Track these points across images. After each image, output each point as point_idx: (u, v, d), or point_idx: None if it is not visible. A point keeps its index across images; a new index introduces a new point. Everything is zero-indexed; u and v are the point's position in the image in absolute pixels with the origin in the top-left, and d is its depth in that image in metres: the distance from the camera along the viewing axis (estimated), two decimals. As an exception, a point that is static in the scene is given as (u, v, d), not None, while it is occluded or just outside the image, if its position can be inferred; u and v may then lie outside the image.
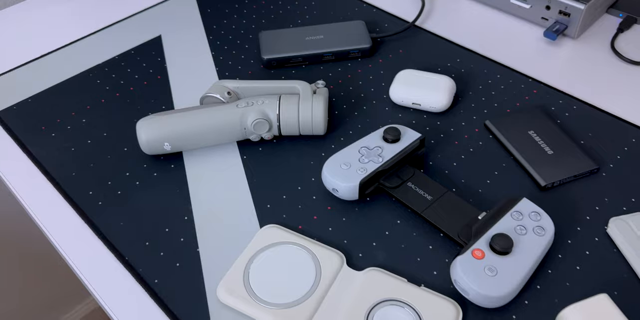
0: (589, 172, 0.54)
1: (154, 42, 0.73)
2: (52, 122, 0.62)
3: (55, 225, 0.53)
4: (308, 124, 0.57)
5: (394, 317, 0.43)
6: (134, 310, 0.46)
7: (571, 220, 0.50)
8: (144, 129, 0.55)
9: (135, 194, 0.55)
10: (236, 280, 0.46)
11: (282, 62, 0.68)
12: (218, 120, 0.56)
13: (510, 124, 0.58)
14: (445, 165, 0.56)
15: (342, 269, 0.47)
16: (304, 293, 0.45)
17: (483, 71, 0.66)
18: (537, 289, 0.46)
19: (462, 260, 0.44)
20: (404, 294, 0.45)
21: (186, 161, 0.58)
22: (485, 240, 0.45)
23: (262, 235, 0.50)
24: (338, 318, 0.44)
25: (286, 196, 0.54)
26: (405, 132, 0.55)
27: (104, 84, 0.67)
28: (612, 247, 0.48)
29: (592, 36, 0.71)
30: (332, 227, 0.51)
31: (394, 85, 0.62)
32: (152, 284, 0.47)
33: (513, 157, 0.56)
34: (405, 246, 0.49)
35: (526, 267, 0.43)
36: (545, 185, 0.52)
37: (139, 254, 0.50)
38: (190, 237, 0.51)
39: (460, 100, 0.63)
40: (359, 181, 0.51)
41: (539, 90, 0.63)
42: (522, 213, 0.47)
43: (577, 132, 0.58)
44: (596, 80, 0.65)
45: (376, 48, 0.70)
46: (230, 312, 0.45)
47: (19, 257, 1.16)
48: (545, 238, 0.45)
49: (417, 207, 0.50)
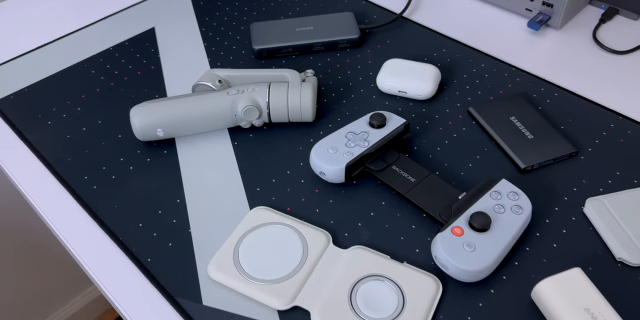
0: (567, 155, 0.56)
1: (147, 34, 0.75)
2: (48, 111, 0.64)
3: (52, 208, 0.55)
4: (297, 111, 0.59)
5: (377, 291, 0.45)
6: (128, 287, 0.48)
7: (549, 201, 0.52)
8: (138, 116, 0.57)
9: (129, 178, 0.56)
10: (226, 258, 0.48)
11: (273, 52, 0.70)
12: (209, 107, 0.58)
13: (492, 110, 0.60)
14: (429, 149, 0.58)
15: (328, 247, 0.49)
16: (291, 270, 0.47)
17: (468, 60, 0.68)
18: (515, 265, 0.47)
19: (442, 237, 0.46)
20: (387, 269, 0.47)
21: (179, 147, 0.59)
22: (465, 218, 0.47)
23: (251, 216, 0.51)
24: (324, 293, 0.45)
25: (275, 180, 0.56)
26: (390, 118, 0.57)
27: (98, 74, 0.69)
28: (588, 225, 0.50)
29: (574, 27, 0.73)
30: (320, 209, 0.53)
31: (381, 74, 0.64)
32: (145, 262, 0.49)
33: (494, 141, 0.58)
34: (389, 226, 0.51)
35: (503, 243, 0.45)
36: (525, 168, 0.54)
37: (132, 235, 0.51)
38: (182, 219, 0.53)
39: (445, 89, 0.65)
40: (345, 164, 0.52)
41: (522, 79, 0.65)
42: (500, 193, 0.49)
43: (558, 118, 0.60)
44: (578, 68, 0.67)
45: (365, 39, 0.72)
46: (221, 288, 0.47)
47: (17, 244, 1.17)
48: (523, 216, 0.47)
49: (400, 189, 0.52)
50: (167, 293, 0.47)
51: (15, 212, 1.12)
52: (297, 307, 0.45)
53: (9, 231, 1.14)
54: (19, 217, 1.14)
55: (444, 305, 0.45)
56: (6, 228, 1.13)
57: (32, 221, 1.17)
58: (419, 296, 0.45)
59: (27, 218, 1.15)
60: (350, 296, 0.45)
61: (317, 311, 0.44)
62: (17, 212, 1.13)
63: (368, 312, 0.44)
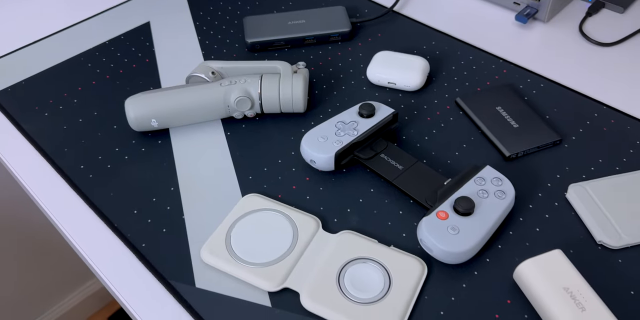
0: (551, 144, 0.57)
1: (142, 28, 0.76)
2: (45, 103, 0.65)
3: (49, 197, 0.56)
4: (288, 102, 0.60)
5: (364, 273, 0.47)
6: (123, 272, 0.50)
7: (533, 187, 0.54)
8: (132, 106, 0.58)
9: (124, 167, 0.58)
10: (219, 243, 0.49)
11: (266, 45, 0.71)
12: (202, 98, 0.59)
13: (479, 100, 0.62)
14: (417, 139, 0.59)
15: (317, 232, 0.50)
16: (281, 253, 0.48)
17: (456, 53, 0.69)
18: (498, 248, 0.49)
19: (427, 221, 0.47)
20: (374, 253, 0.48)
21: (173, 137, 0.61)
22: (450, 203, 0.48)
23: (243, 203, 0.53)
24: (313, 275, 0.47)
25: (267, 168, 0.57)
26: (379, 108, 0.58)
27: (94, 67, 0.70)
28: (571, 211, 0.52)
29: (561, 20, 0.74)
30: (310, 196, 0.55)
31: (371, 66, 0.66)
32: (139, 247, 0.51)
33: (481, 131, 0.59)
34: (377, 212, 0.53)
35: (486, 226, 0.47)
36: (510, 156, 0.56)
37: (127, 222, 0.53)
38: (176, 206, 0.54)
39: (434, 80, 0.66)
40: (334, 152, 0.54)
41: (509, 70, 0.67)
42: (484, 179, 0.50)
43: (543, 108, 0.62)
44: (564, 60, 0.68)
45: (356, 32, 0.74)
46: (213, 271, 0.48)
47: (15, 235, 1.19)
48: (506, 201, 0.49)
49: (388, 176, 0.54)
50: (162, 276, 0.48)
51: (13, 202, 1.13)
52: (287, 289, 0.47)
53: (6, 221, 1.15)
54: (17, 207, 1.15)
55: (429, 286, 0.47)
56: (3, 217, 1.14)
57: (30, 212, 1.18)
58: (405, 278, 0.46)
59: (25, 209, 1.16)
60: (339, 278, 0.46)
61: (306, 292, 0.46)
62: (15, 203, 1.14)
63: (355, 293, 0.45)
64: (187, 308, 0.46)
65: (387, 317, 0.44)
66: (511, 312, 0.45)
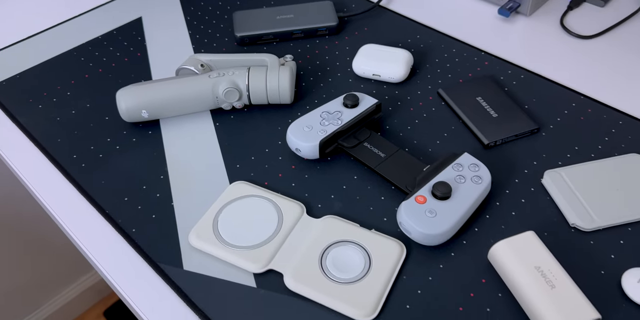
0: (529, 132, 0.59)
1: (135, 23, 0.78)
2: (39, 95, 0.67)
3: (43, 185, 0.58)
4: (275, 93, 0.62)
5: (345, 255, 0.48)
6: (114, 255, 0.51)
7: (510, 173, 0.56)
8: (124, 98, 0.60)
9: (116, 156, 0.60)
10: (206, 227, 0.51)
11: (255, 39, 0.73)
12: (191, 90, 0.61)
13: (460, 92, 0.63)
14: (400, 128, 0.61)
15: (302, 217, 0.52)
16: (266, 237, 0.50)
17: (440, 46, 0.71)
18: (475, 231, 0.51)
19: (406, 205, 0.49)
20: (356, 236, 0.50)
21: (163, 128, 0.62)
22: (428, 188, 0.50)
23: (231, 189, 0.55)
24: (296, 257, 0.49)
25: (254, 157, 0.59)
26: (363, 98, 0.60)
27: (87, 61, 0.72)
28: (546, 195, 0.53)
29: (543, 14, 0.76)
30: (295, 183, 0.56)
31: (357, 58, 0.67)
32: (130, 232, 0.52)
33: (461, 120, 0.61)
34: (360, 198, 0.54)
35: (462, 209, 0.49)
36: (488, 144, 0.58)
37: (118, 208, 0.55)
38: (166, 193, 0.56)
39: (418, 72, 0.68)
40: (319, 141, 0.56)
41: (491, 62, 0.68)
42: (462, 165, 0.52)
43: (522, 98, 0.64)
44: (544, 53, 0.70)
45: (343, 26, 0.75)
46: (200, 254, 0.50)
47: (11, 229, 1.20)
48: (482, 186, 0.51)
49: (371, 163, 0.55)
50: (151, 260, 0.50)
51: (9, 194, 1.15)
52: (271, 271, 0.49)
53: (2, 215, 1.17)
54: (13, 199, 1.16)
55: (408, 267, 0.48)
56: (3, 202, 1.15)
57: (25, 204, 1.19)
58: (384, 259, 0.48)
59: (21, 201, 1.18)
60: (321, 260, 0.48)
61: (289, 273, 0.47)
62: (10, 195, 1.15)
63: (337, 273, 0.47)
64: (175, 289, 0.48)
65: (367, 295, 0.46)
66: (485, 290, 0.47)
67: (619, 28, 0.73)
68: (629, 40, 0.71)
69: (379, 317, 0.45)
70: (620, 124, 0.60)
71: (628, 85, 0.65)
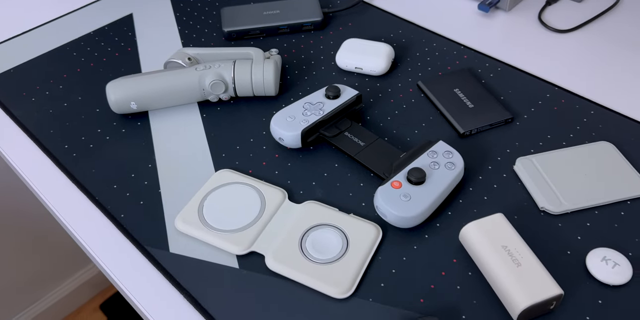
0: (504, 121, 0.61)
1: (125, 20, 0.80)
2: (32, 89, 0.69)
3: (36, 174, 0.60)
4: (260, 85, 0.64)
5: (324, 237, 0.51)
6: (103, 239, 0.54)
7: (484, 161, 0.58)
8: (113, 90, 0.62)
9: (106, 146, 0.62)
10: (191, 212, 0.53)
11: (242, 34, 0.75)
12: (179, 82, 0.63)
13: (439, 84, 0.66)
14: (381, 119, 0.64)
15: (284, 203, 0.54)
16: (249, 221, 0.52)
17: (421, 40, 0.74)
18: (448, 214, 0.53)
19: (382, 190, 0.51)
20: (335, 220, 0.52)
21: (151, 119, 0.65)
22: (403, 174, 0.52)
23: (216, 177, 0.57)
24: (277, 239, 0.51)
25: (239, 147, 0.61)
26: (344, 90, 0.62)
27: (79, 56, 0.74)
28: (517, 181, 0.56)
29: (522, 9, 0.79)
30: (279, 171, 0.59)
31: (340, 52, 0.70)
32: (119, 218, 0.55)
33: (439, 111, 0.64)
34: (340, 184, 0.57)
35: (435, 193, 0.51)
36: (464, 133, 0.60)
37: (107, 195, 0.57)
38: (153, 181, 0.58)
39: (399, 66, 0.70)
40: (301, 130, 0.58)
41: (469, 56, 0.71)
42: (436, 152, 0.54)
43: (498, 90, 0.66)
44: (522, 46, 0.73)
45: (328, 22, 0.78)
46: (186, 238, 0.52)
47: (9, 224, 1.22)
48: (455, 171, 0.53)
49: (351, 151, 0.58)
50: (138, 243, 0.52)
51: (4, 187, 1.17)
52: (253, 252, 0.51)
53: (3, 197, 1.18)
54: (8, 191, 1.18)
55: (384, 248, 0.51)
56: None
57: (21, 196, 1.21)
58: (361, 241, 0.50)
59: (16, 193, 1.20)
60: (301, 242, 0.51)
61: (270, 255, 0.50)
62: (5, 187, 1.17)
63: (315, 254, 0.49)
64: (161, 270, 0.50)
65: (343, 274, 0.48)
66: (456, 269, 0.49)
67: (594, 23, 0.76)
68: (602, 34, 0.74)
69: (354, 295, 0.48)
70: (592, 113, 0.62)
71: (601, 77, 0.67)
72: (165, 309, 0.48)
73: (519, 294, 0.43)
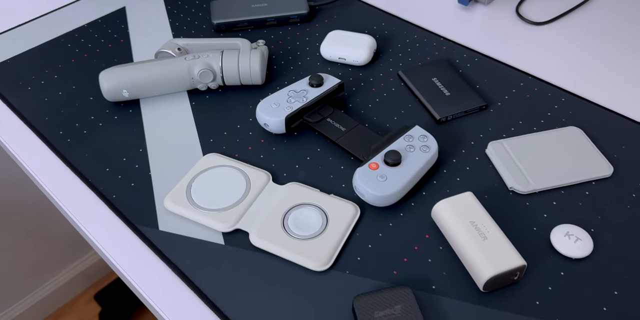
0: (478, 108, 0.64)
1: (118, 13, 0.83)
2: (28, 78, 0.72)
3: (32, 159, 0.63)
4: (247, 74, 0.67)
5: (305, 215, 0.54)
6: (96, 218, 0.56)
7: (458, 145, 0.61)
8: (105, 78, 0.65)
9: (98, 132, 0.65)
10: (180, 193, 0.56)
11: (230, 26, 0.78)
12: (168, 71, 0.66)
13: (418, 73, 0.69)
14: (362, 106, 0.67)
15: (268, 184, 0.57)
16: (235, 201, 0.55)
17: (403, 32, 0.77)
18: (422, 194, 0.56)
19: (360, 171, 0.54)
20: (316, 199, 0.55)
21: (142, 107, 0.67)
22: (381, 156, 0.55)
23: (204, 160, 0.60)
24: (262, 217, 0.54)
25: (227, 133, 0.64)
26: (327, 79, 0.65)
27: (73, 47, 0.77)
28: (489, 164, 0.59)
29: (501, 3, 0.82)
30: (264, 155, 0.62)
31: (324, 43, 0.73)
32: (111, 198, 0.57)
33: (418, 99, 0.67)
34: (322, 167, 0.60)
35: (410, 174, 0.54)
36: (440, 119, 0.63)
37: (100, 177, 0.60)
38: (144, 164, 0.61)
39: (381, 57, 0.73)
40: (285, 116, 0.61)
41: (448, 47, 0.74)
42: (412, 136, 0.58)
43: (475, 79, 0.69)
44: (499, 38, 0.76)
45: (314, 14, 0.81)
46: (174, 217, 0.55)
47: (6, 213, 1.25)
48: (429, 154, 0.56)
49: (332, 136, 0.61)
50: (129, 222, 0.55)
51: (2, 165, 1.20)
52: (238, 230, 0.54)
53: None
54: (5, 181, 1.21)
55: (361, 226, 0.54)
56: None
57: (17, 183, 1.24)
58: (340, 219, 0.53)
59: (13, 182, 1.22)
60: (283, 220, 0.54)
61: (254, 231, 0.53)
62: (3, 166, 1.20)
63: (297, 231, 0.52)
64: (151, 247, 0.53)
65: (322, 249, 0.51)
66: (428, 244, 0.52)
67: (569, 15, 0.79)
68: (576, 26, 0.77)
69: (332, 268, 0.51)
70: (563, 100, 0.66)
71: (573, 67, 0.71)
72: (157, 283, 0.51)
73: (485, 264, 0.47)
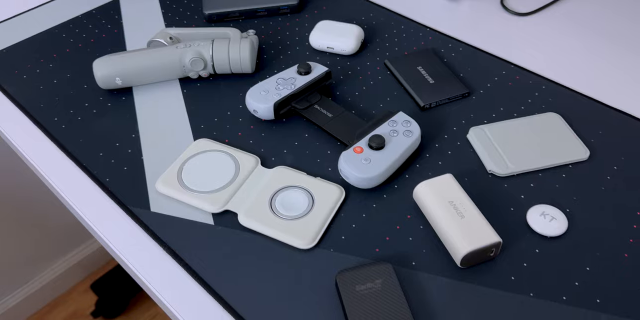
0: (461, 96, 0.66)
1: (112, 4, 0.84)
2: (24, 67, 0.74)
3: (28, 144, 0.65)
4: (237, 62, 0.69)
5: (292, 197, 0.56)
6: (90, 200, 0.58)
7: (441, 131, 0.63)
8: (99, 66, 0.67)
9: (92, 119, 0.66)
10: (171, 176, 0.58)
11: (222, 16, 0.80)
12: (160, 59, 0.68)
13: (404, 62, 0.71)
14: (349, 94, 0.69)
15: (256, 168, 0.59)
16: (224, 184, 0.57)
17: (390, 23, 0.79)
18: (405, 177, 0.58)
19: (345, 154, 0.56)
20: (303, 182, 0.57)
21: (135, 94, 0.69)
22: (365, 140, 0.58)
23: (195, 145, 0.62)
24: (250, 199, 0.56)
25: (217, 119, 0.66)
26: (315, 67, 0.67)
27: (68, 37, 0.78)
28: (470, 148, 0.61)
29: (486, -6, 0.84)
30: (253, 140, 0.64)
31: (313, 33, 0.75)
32: (104, 181, 0.59)
33: (403, 87, 0.69)
34: (309, 152, 0.62)
35: (393, 157, 0.56)
36: (424, 106, 0.65)
37: (94, 162, 0.62)
38: (136, 149, 0.63)
39: (368, 46, 0.75)
40: (273, 102, 0.63)
41: (434, 37, 0.76)
42: (396, 121, 0.60)
43: (458, 67, 0.71)
44: (483, 28, 0.78)
45: (304, 5, 0.82)
46: (166, 199, 0.57)
47: (1, 203, 1.26)
48: (412, 138, 0.58)
49: (320, 122, 0.63)
50: (122, 203, 0.57)
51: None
52: (227, 211, 0.56)
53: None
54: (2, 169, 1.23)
55: (346, 207, 0.56)
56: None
57: (15, 171, 1.25)
58: (326, 200, 0.55)
59: (9, 169, 1.24)
60: (271, 201, 0.56)
61: (243, 212, 0.55)
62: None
63: (284, 211, 0.55)
64: (143, 227, 0.55)
65: (308, 228, 0.53)
66: (409, 223, 0.54)
67: (552, 7, 0.81)
68: (559, 17, 0.79)
69: (317, 246, 0.53)
70: (544, 88, 0.68)
71: (554, 55, 0.73)
72: (148, 261, 0.53)
73: (461, 241, 0.49)
